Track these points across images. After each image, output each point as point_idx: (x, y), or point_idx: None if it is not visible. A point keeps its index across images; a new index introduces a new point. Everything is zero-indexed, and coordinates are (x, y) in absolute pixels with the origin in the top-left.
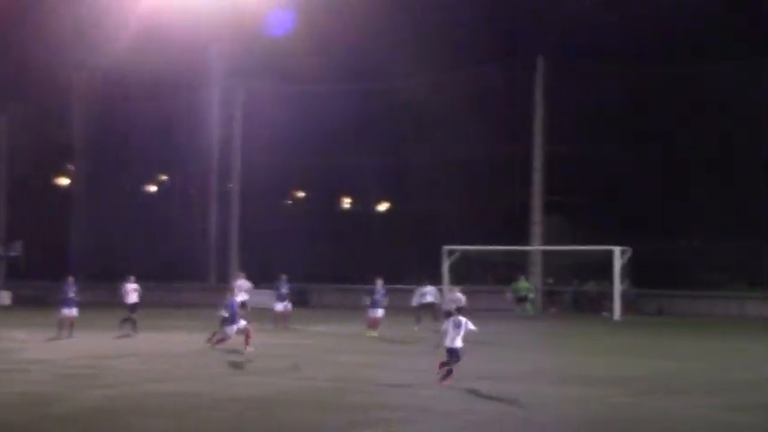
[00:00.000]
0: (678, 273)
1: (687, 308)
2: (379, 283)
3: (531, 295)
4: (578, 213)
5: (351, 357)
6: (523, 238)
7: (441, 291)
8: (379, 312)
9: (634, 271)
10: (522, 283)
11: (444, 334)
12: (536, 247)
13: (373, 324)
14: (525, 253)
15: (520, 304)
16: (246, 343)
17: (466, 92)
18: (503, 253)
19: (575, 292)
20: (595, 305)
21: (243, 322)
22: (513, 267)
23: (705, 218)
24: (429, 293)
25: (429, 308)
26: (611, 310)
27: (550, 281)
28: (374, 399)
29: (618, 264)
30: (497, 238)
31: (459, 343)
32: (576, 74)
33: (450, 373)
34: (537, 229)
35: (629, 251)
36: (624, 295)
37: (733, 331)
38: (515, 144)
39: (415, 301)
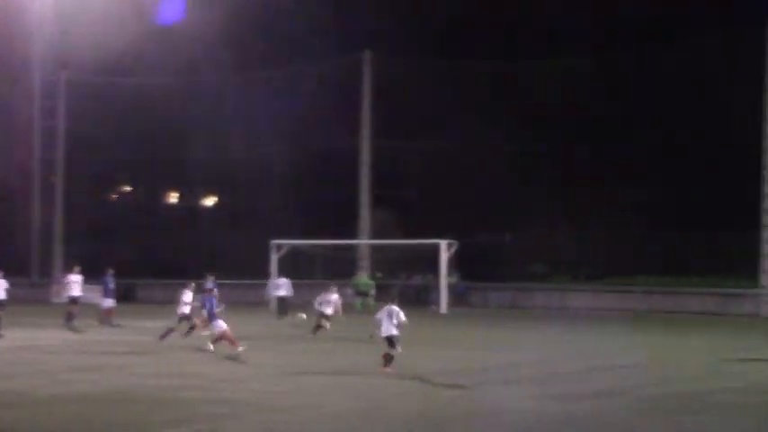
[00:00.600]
0: (503, 265)
1: (511, 299)
2: (211, 278)
3: (371, 291)
4: (406, 207)
5: (183, 353)
6: (353, 232)
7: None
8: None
9: (461, 264)
10: (362, 279)
11: (379, 323)
12: (363, 240)
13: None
14: (355, 247)
15: (361, 298)
16: (234, 344)
17: (299, 87)
18: (332, 247)
19: (402, 286)
20: (423, 298)
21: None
22: (344, 262)
23: (532, 211)
24: (283, 286)
25: (282, 300)
26: (437, 302)
27: (379, 275)
28: (205, 394)
29: (444, 257)
30: (328, 232)
31: (394, 331)
32: (405, 68)
33: (391, 359)
34: (365, 223)
35: (456, 244)
36: (452, 288)
37: (557, 323)
38: (346, 139)
39: (270, 293)
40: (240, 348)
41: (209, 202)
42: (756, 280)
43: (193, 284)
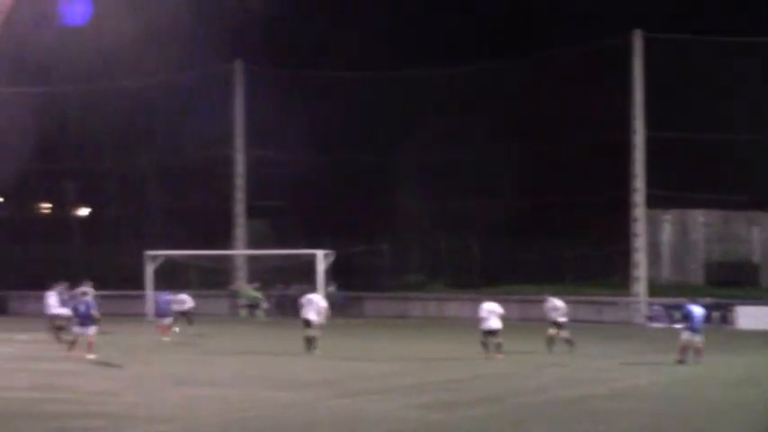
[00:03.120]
0: (380, 275)
1: (388, 309)
2: (88, 284)
3: (264, 304)
4: (282, 218)
5: (55, 365)
6: (228, 242)
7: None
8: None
9: (338, 274)
10: (249, 291)
11: (300, 307)
12: (240, 251)
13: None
14: (231, 257)
15: (249, 310)
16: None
17: (172, 95)
18: (208, 258)
19: (279, 296)
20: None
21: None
22: (219, 272)
23: (407, 220)
24: (187, 301)
25: (186, 314)
26: None
27: (257, 285)
28: (78, 407)
29: (321, 267)
30: (204, 242)
31: (313, 316)
32: (274, 78)
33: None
34: (240, 232)
35: (333, 254)
36: (329, 298)
37: (435, 332)
38: (219, 149)
39: (176, 308)
40: (91, 356)
41: (83, 212)
42: (629, 288)
43: (62, 287)
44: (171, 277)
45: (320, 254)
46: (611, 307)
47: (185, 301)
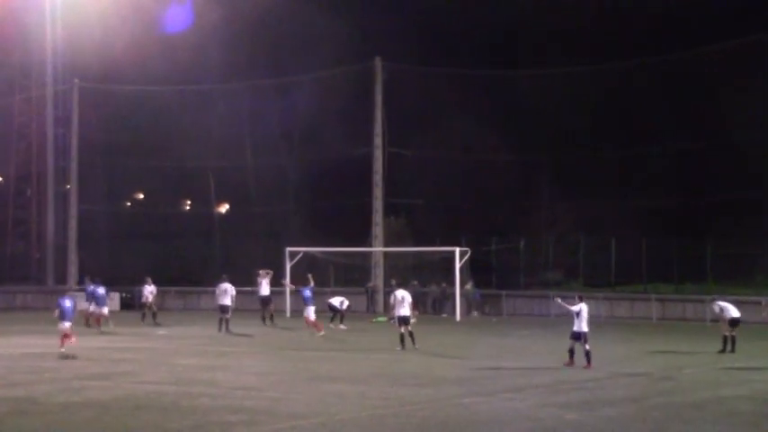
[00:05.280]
0: (515, 272)
1: (525, 307)
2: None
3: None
4: (418, 215)
5: (191, 360)
6: (366, 239)
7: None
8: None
9: (475, 272)
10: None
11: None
12: (377, 248)
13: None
14: (368, 254)
15: None
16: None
17: (315, 94)
18: (346, 254)
19: (415, 294)
20: (437, 306)
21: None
22: (357, 269)
23: (544, 218)
24: (345, 300)
25: (341, 312)
26: (452, 310)
27: (393, 282)
28: (217, 401)
29: (458, 264)
30: (342, 239)
31: (407, 311)
32: (416, 76)
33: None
34: (378, 230)
35: (469, 252)
36: (467, 295)
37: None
38: (360, 146)
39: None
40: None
41: (222, 209)
42: None
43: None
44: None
45: (457, 251)
46: (755, 306)
47: (343, 300)
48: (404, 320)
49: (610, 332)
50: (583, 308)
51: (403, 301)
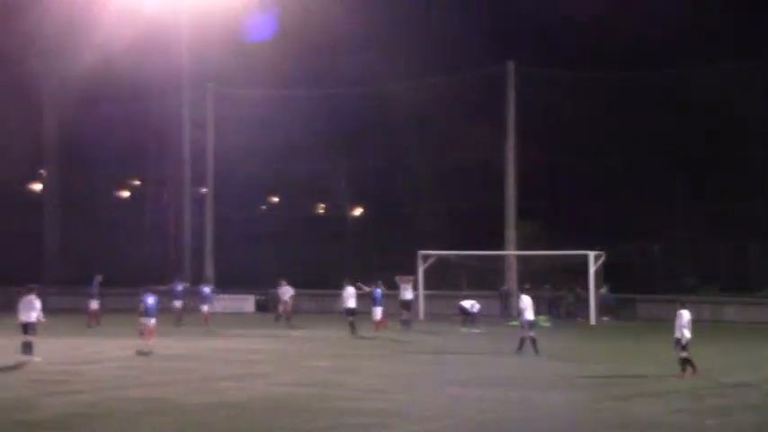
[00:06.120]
0: (650, 276)
1: (661, 312)
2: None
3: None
4: (552, 219)
5: (323, 362)
6: (499, 243)
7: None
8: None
9: (610, 276)
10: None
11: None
12: (511, 252)
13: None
14: (500, 258)
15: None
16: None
17: (446, 98)
18: (479, 258)
19: (549, 297)
20: (571, 310)
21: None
22: (489, 273)
23: (679, 221)
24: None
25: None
26: (586, 314)
27: (527, 286)
28: (351, 404)
29: (592, 268)
30: (473, 243)
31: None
32: (549, 80)
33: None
34: (511, 234)
35: (603, 255)
36: (602, 299)
37: (710, 337)
38: (491, 150)
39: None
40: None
41: (356, 212)
42: None
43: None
44: (443, 277)
45: (591, 255)
46: None
47: (474, 303)
48: (528, 324)
49: (748, 338)
50: (683, 315)
51: (528, 305)
